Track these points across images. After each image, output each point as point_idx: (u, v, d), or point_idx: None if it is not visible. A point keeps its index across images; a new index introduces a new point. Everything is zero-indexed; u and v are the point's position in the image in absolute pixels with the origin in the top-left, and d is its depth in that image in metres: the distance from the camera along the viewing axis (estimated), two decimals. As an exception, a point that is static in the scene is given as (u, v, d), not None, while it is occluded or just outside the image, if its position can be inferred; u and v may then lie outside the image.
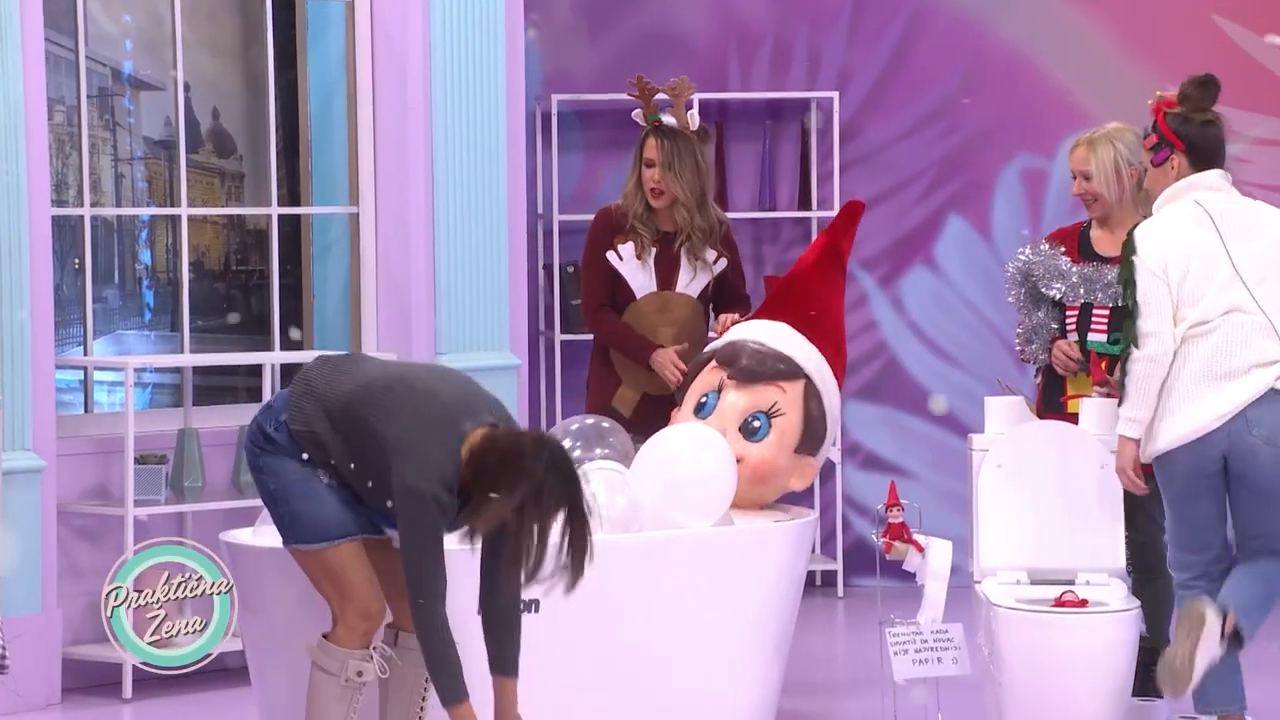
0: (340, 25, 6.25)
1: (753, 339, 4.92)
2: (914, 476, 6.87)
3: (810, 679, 5.63)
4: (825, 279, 5.04)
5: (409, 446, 3.89)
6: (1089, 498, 4.88)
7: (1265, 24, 6.93)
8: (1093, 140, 5.06)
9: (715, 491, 4.66)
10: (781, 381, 4.82)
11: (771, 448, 4.81)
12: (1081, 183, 5.05)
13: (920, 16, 7.04)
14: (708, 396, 4.86)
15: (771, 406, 4.82)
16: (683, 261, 5.27)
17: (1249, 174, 6.98)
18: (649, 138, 5.28)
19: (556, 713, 4.44)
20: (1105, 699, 4.54)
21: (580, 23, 7.05)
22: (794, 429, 4.84)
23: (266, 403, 4.30)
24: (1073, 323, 5.02)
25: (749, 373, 4.82)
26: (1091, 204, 5.06)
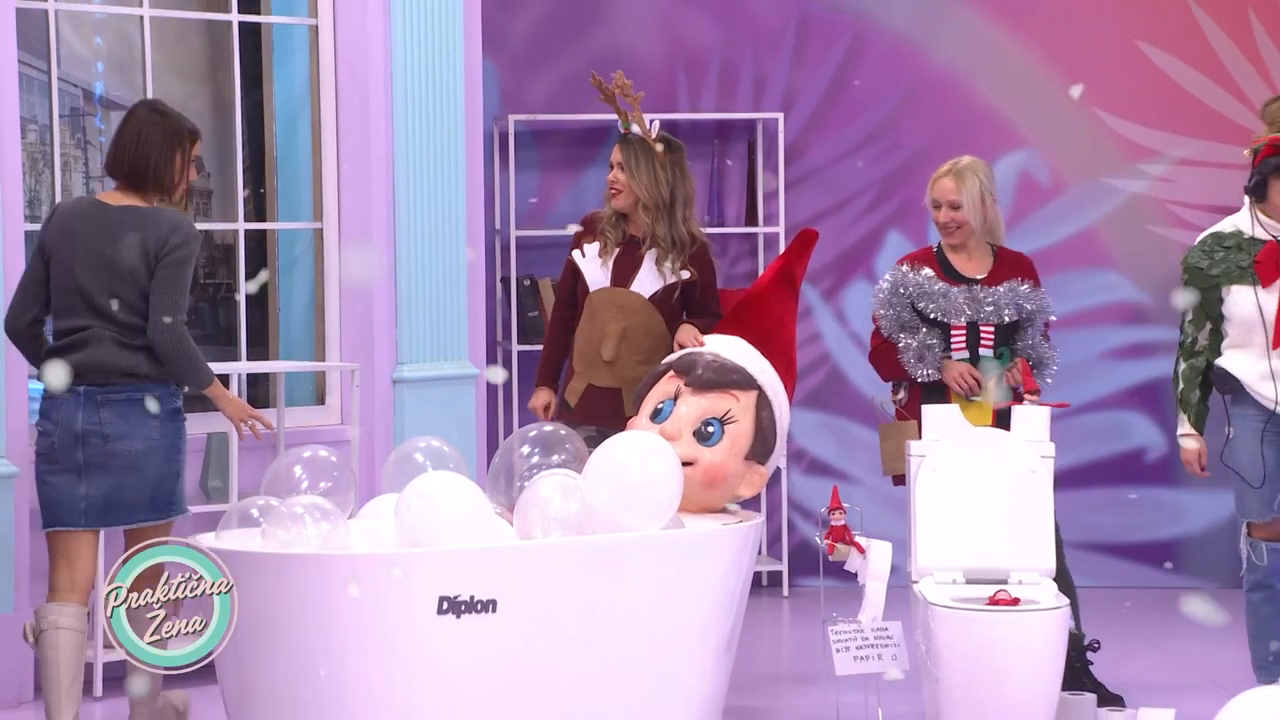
0: (304, 49, 6.22)
1: (709, 351, 4.94)
2: (856, 481, 6.87)
3: (757, 675, 5.61)
4: (779, 301, 5.11)
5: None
6: (1021, 501, 4.90)
7: (1185, 50, 6.97)
8: (958, 172, 5.19)
9: (663, 495, 4.64)
10: (735, 390, 4.84)
11: (723, 452, 4.82)
12: (948, 211, 5.17)
13: (860, 41, 7.04)
14: (664, 403, 4.87)
15: (725, 413, 4.83)
16: (644, 266, 5.28)
17: (1172, 192, 7.03)
18: (616, 144, 5.36)
19: (510, 710, 4.40)
20: (1037, 692, 4.54)
21: (536, 47, 7.03)
22: (746, 435, 4.85)
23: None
24: (960, 342, 5.09)
25: (705, 381, 4.85)
26: (954, 231, 5.18)
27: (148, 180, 4.70)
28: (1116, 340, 7.05)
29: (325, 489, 4.59)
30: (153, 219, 4.69)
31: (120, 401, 4.64)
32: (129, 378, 4.64)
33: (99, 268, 4.66)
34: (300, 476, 4.58)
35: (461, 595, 4.31)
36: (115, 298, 4.64)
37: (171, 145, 4.71)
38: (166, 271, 4.64)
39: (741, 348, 4.97)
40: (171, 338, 4.62)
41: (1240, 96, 6.98)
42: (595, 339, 5.28)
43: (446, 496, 4.46)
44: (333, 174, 6.17)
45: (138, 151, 4.69)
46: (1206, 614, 5.61)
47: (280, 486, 4.59)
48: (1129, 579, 6.97)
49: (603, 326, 5.27)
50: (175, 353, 4.64)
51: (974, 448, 4.96)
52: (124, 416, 4.64)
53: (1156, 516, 7.02)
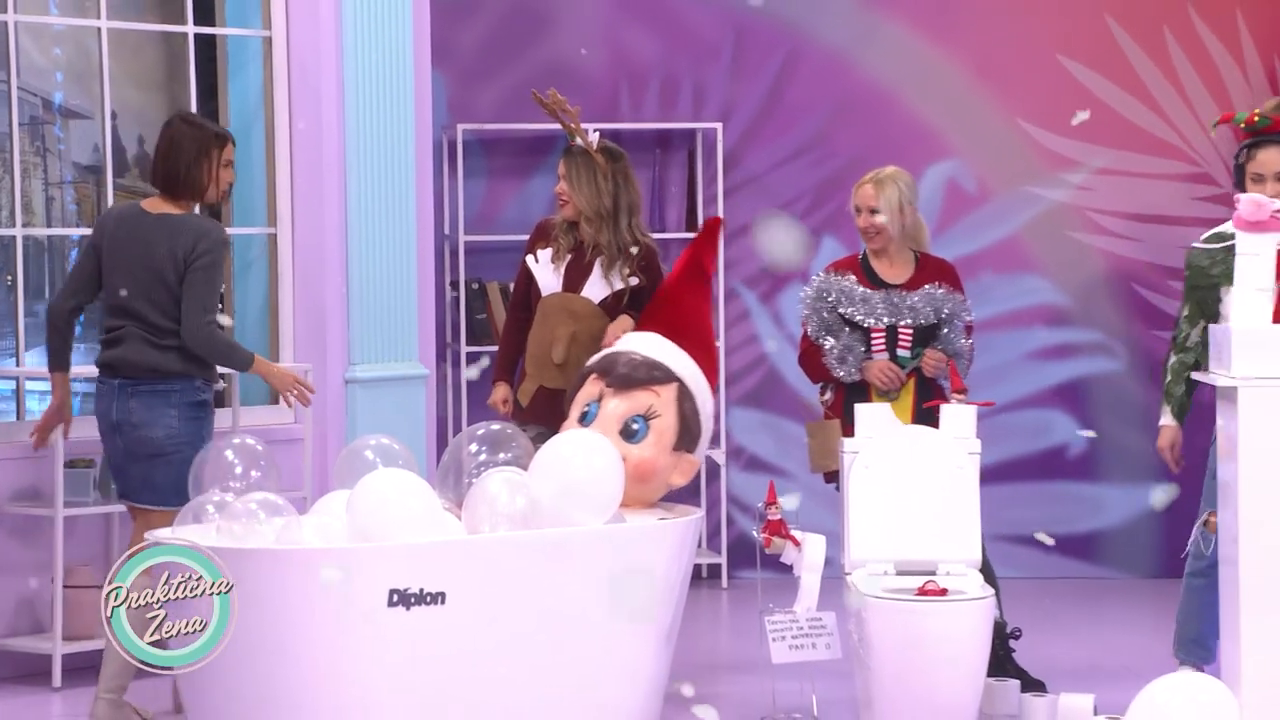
0: (258, 60, 6.20)
1: (627, 350, 4.95)
2: (792, 477, 6.90)
3: (697, 663, 5.63)
4: (691, 291, 5.11)
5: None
6: (948, 496, 4.94)
7: (1102, 63, 7.05)
8: (879, 181, 5.25)
9: (606, 491, 4.66)
10: (655, 386, 4.86)
11: (651, 448, 4.83)
12: (868, 217, 5.23)
13: (795, 54, 7.09)
14: (590, 406, 4.89)
15: (648, 409, 4.84)
16: (594, 272, 5.31)
17: (1091, 200, 7.11)
18: (562, 156, 5.39)
19: (459, 699, 4.41)
20: (964, 679, 4.58)
21: (483, 59, 7.03)
22: (670, 429, 4.86)
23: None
24: (880, 343, 5.16)
25: (625, 380, 4.86)
26: (875, 236, 5.25)
27: (180, 186, 4.95)
28: (1039, 342, 7.11)
29: (256, 478, 4.59)
30: (181, 227, 4.95)
31: (145, 394, 4.91)
32: (154, 373, 4.91)
33: (131, 272, 4.93)
34: (233, 461, 4.60)
35: (411, 588, 4.31)
36: (146, 300, 4.91)
37: (200, 151, 4.94)
38: (194, 276, 4.89)
39: (658, 343, 4.96)
40: (203, 338, 4.89)
41: (1156, 109, 7.07)
42: (546, 342, 5.30)
43: (396, 492, 4.46)
44: (286, 181, 6.15)
45: (169, 160, 4.96)
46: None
47: (217, 474, 4.59)
48: (1050, 570, 7.04)
49: (553, 330, 5.29)
50: (210, 350, 4.92)
51: (904, 445, 5.00)
52: (148, 407, 4.91)
53: (1077, 510, 7.09)
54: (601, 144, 5.36)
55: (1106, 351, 7.09)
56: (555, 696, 4.54)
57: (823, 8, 7.06)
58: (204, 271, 4.90)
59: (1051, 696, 4.91)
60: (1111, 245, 7.09)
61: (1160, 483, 7.06)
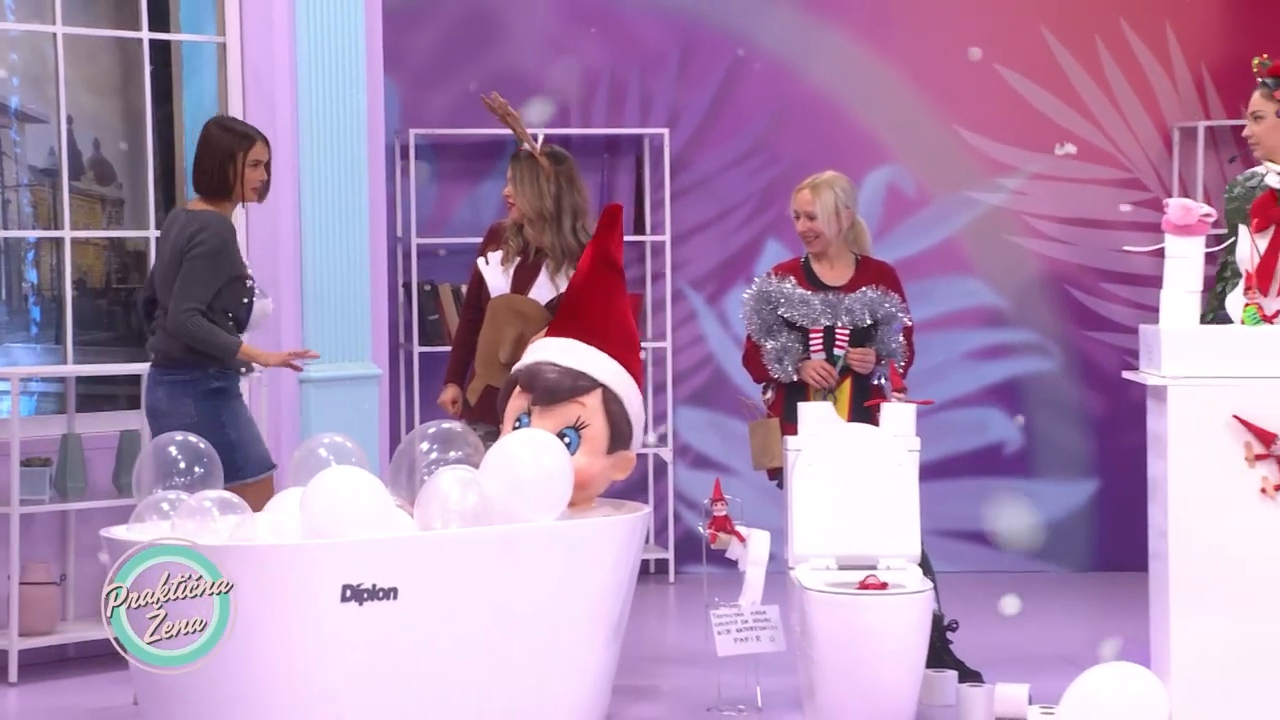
0: (213, 65, 6.16)
1: (547, 361, 4.87)
2: (737, 474, 6.91)
3: (644, 656, 5.64)
4: (602, 284, 5.00)
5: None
6: (889, 492, 4.96)
7: (1037, 72, 7.10)
8: (816, 186, 5.27)
9: (555, 489, 4.66)
10: (580, 397, 4.82)
11: (585, 457, 4.81)
12: (806, 221, 5.26)
13: (740, 61, 7.10)
14: (521, 419, 4.86)
15: (576, 421, 4.81)
16: (541, 274, 5.29)
17: (1027, 204, 7.15)
18: (509, 160, 5.39)
19: (410, 692, 4.40)
20: (903, 671, 4.60)
21: (434, 65, 7.02)
22: (601, 434, 4.84)
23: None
24: (818, 344, 5.18)
25: (549, 395, 4.81)
26: (813, 240, 5.27)
27: (212, 186, 5.05)
28: (976, 342, 7.15)
29: (199, 475, 4.56)
30: (187, 220, 5.04)
31: (168, 382, 5.01)
32: (171, 362, 5.01)
33: (160, 266, 5.11)
34: (177, 458, 4.56)
35: (364, 584, 4.30)
36: (167, 291, 5.03)
37: (226, 153, 5.03)
38: (186, 265, 4.96)
39: (576, 349, 4.88)
40: (182, 326, 4.93)
41: (1088, 116, 7.12)
42: (494, 342, 5.28)
43: (349, 490, 4.45)
44: (240, 184, 6.10)
45: (201, 162, 5.07)
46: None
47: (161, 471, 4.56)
48: (987, 564, 7.08)
49: (501, 331, 5.27)
50: (190, 339, 4.94)
51: (846, 442, 5.02)
52: (170, 395, 5.01)
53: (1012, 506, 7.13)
54: (548, 148, 5.35)
55: (1041, 351, 7.14)
56: (505, 690, 4.53)
57: (767, 17, 7.08)
58: (194, 261, 4.94)
59: (988, 687, 4.93)
60: (1046, 248, 7.14)
61: (1091, 479, 7.14)
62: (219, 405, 4.98)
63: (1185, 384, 4.28)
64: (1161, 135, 7.08)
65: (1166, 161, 7.08)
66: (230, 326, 4.99)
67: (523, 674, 4.56)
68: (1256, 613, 4.25)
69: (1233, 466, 4.26)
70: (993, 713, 4.87)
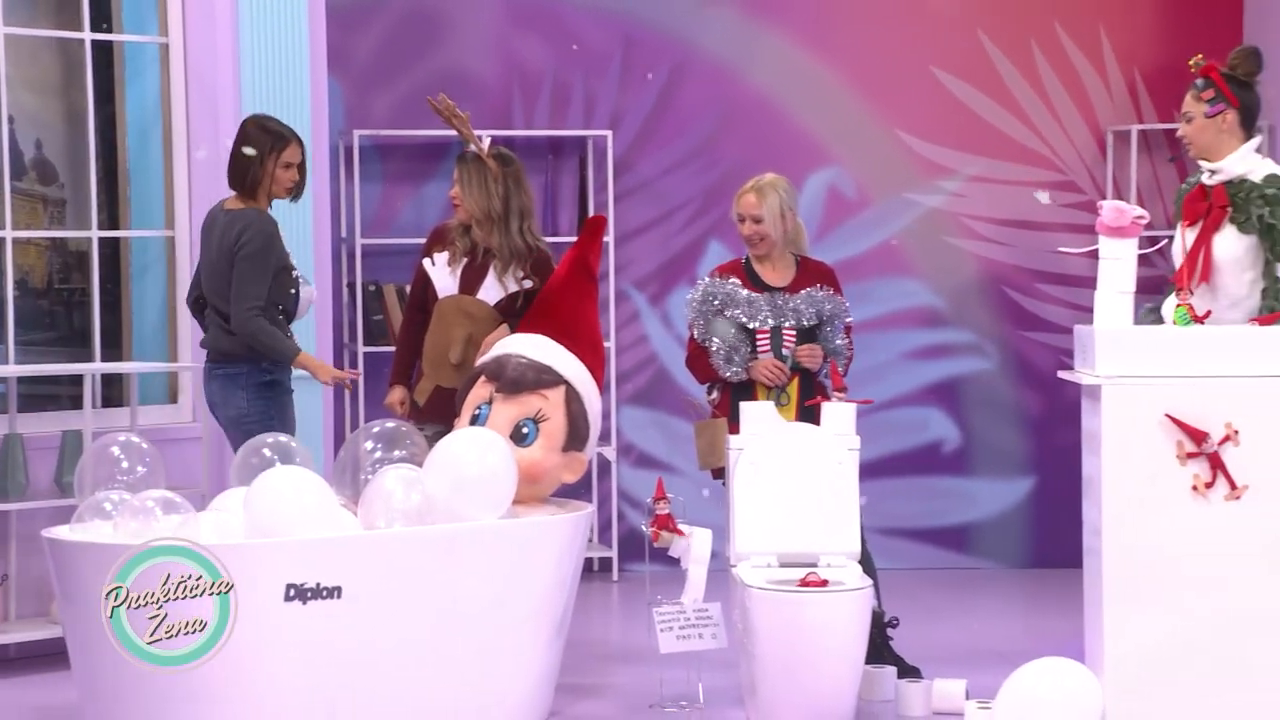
0: (156, 65, 6.12)
1: (516, 353, 4.92)
2: (680, 473, 6.93)
3: (588, 653, 5.64)
4: (576, 290, 5.09)
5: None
6: (829, 491, 4.98)
7: (975, 76, 7.15)
8: (760, 189, 5.29)
9: (499, 487, 4.65)
10: (544, 389, 4.85)
11: (540, 450, 4.83)
12: (751, 225, 5.28)
13: (682, 64, 7.11)
14: (480, 409, 4.88)
15: (537, 413, 4.84)
16: (489, 275, 5.29)
17: (965, 206, 7.20)
18: (456, 161, 5.37)
19: (355, 690, 4.38)
20: (843, 666, 4.62)
21: (378, 66, 6.99)
22: (559, 430, 4.86)
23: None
24: (765, 343, 5.19)
25: (514, 384, 4.85)
26: (759, 243, 5.28)
27: (246, 184, 5.18)
28: (915, 342, 7.20)
29: (142, 474, 4.54)
30: (232, 220, 5.17)
31: (220, 376, 5.17)
32: (225, 357, 5.17)
33: (205, 265, 5.25)
34: (119, 457, 4.54)
35: (308, 583, 4.28)
36: (214, 290, 5.19)
37: (260, 152, 5.15)
38: (239, 266, 5.11)
39: (545, 345, 4.95)
40: (246, 325, 5.08)
41: (1024, 119, 7.18)
42: (443, 343, 5.27)
43: (293, 489, 4.43)
44: (184, 184, 6.08)
45: (236, 161, 5.20)
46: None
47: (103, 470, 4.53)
48: (926, 561, 7.13)
49: (449, 332, 5.27)
50: (253, 338, 5.09)
51: (787, 441, 5.04)
52: (222, 389, 5.17)
53: (951, 504, 7.18)
54: (495, 149, 5.35)
55: (979, 351, 7.19)
56: (449, 688, 4.53)
57: (708, 20, 7.09)
58: (245, 261, 5.09)
59: (926, 682, 4.97)
60: (983, 250, 7.19)
61: (1027, 477, 7.20)
62: (270, 399, 5.14)
63: (1119, 383, 4.32)
64: (1096, 138, 7.15)
65: (1100, 164, 7.15)
66: (280, 318, 5.16)
67: (466, 672, 4.55)
68: (1188, 608, 4.30)
69: (1165, 465, 4.30)
70: (931, 707, 4.91)
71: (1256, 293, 4.52)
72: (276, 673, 4.27)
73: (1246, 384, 4.29)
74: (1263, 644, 4.27)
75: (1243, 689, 4.28)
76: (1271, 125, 6.73)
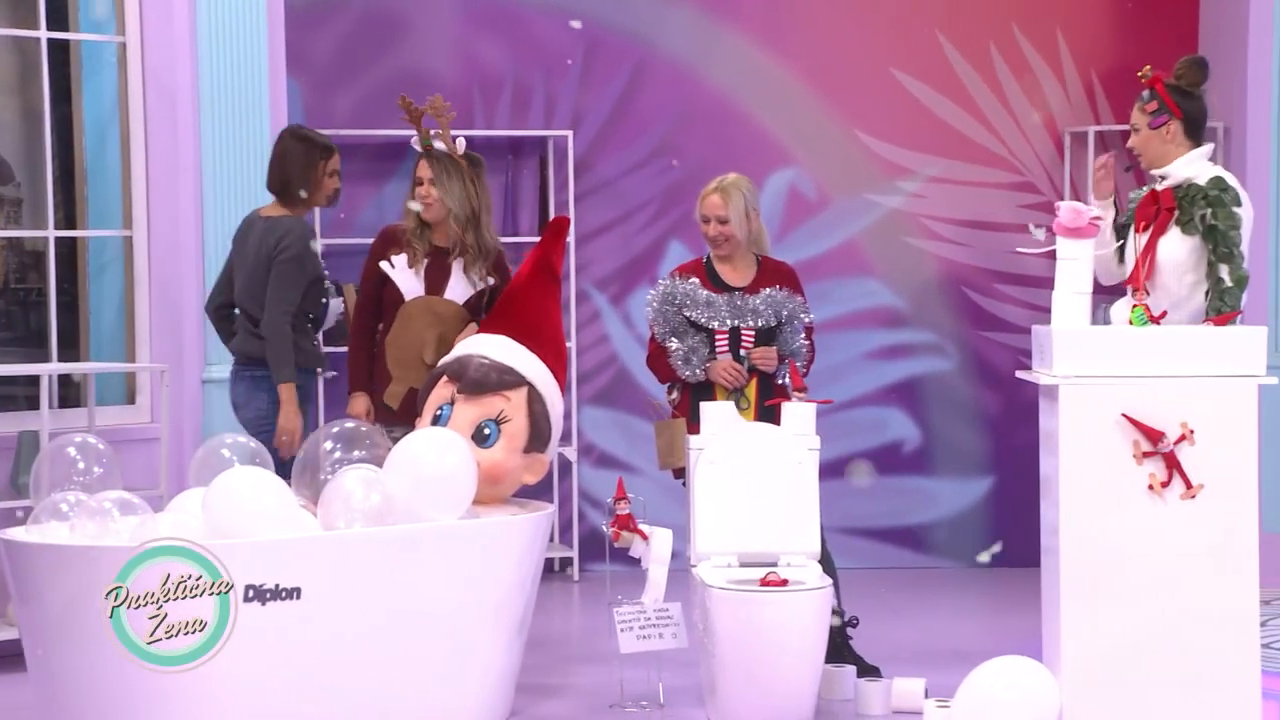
0: (113, 65, 6.08)
1: (478, 353, 4.92)
2: (640, 473, 6.93)
3: (548, 653, 5.63)
4: (539, 291, 5.09)
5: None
6: (789, 490, 4.99)
7: (933, 78, 7.17)
8: (725, 189, 5.30)
9: (459, 488, 4.64)
10: (506, 390, 4.85)
11: (502, 451, 4.83)
12: (717, 225, 5.27)
13: (642, 65, 7.11)
14: (442, 409, 4.87)
15: (499, 414, 4.84)
16: (454, 274, 5.28)
17: (925, 207, 7.23)
18: (421, 160, 5.34)
19: (315, 691, 4.36)
20: (803, 665, 4.63)
21: (337, 65, 6.97)
22: (521, 432, 4.86)
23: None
24: (724, 344, 5.20)
25: (476, 385, 4.84)
26: (723, 243, 5.28)
27: (290, 192, 5.31)
28: (876, 342, 7.22)
29: (99, 475, 4.51)
30: (271, 227, 5.28)
31: (247, 378, 5.29)
32: (251, 360, 5.28)
33: (242, 269, 5.34)
34: (76, 458, 4.51)
35: (267, 584, 4.26)
36: (247, 294, 5.30)
37: (306, 162, 5.30)
38: (277, 270, 5.22)
39: (508, 346, 4.95)
40: (270, 327, 5.20)
41: (982, 120, 7.21)
42: (415, 345, 5.25)
43: (252, 490, 4.41)
44: (142, 184, 6.04)
45: (280, 169, 5.32)
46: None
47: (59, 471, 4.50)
48: (886, 560, 7.15)
49: (420, 333, 5.25)
50: (271, 343, 5.21)
51: (747, 441, 5.05)
52: (246, 390, 5.29)
53: (910, 503, 7.20)
54: (464, 152, 5.36)
55: (939, 351, 7.22)
56: (410, 689, 4.51)
57: (667, 21, 7.10)
58: (282, 266, 5.19)
59: (886, 681, 4.98)
60: (943, 250, 7.22)
61: (986, 476, 7.23)
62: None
63: (1076, 383, 4.34)
64: (1053, 139, 7.19)
65: (1058, 165, 7.18)
66: (308, 326, 5.28)
67: (427, 672, 4.54)
68: (1144, 606, 4.32)
69: (1122, 464, 4.33)
70: (890, 706, 4.92)
71: (1197, 294, 4.56)
72: (235, 674, 4.25)
73: (1202, 384, 4.32)
74: (1217, 641, 4.30)
75: (1198, 686, 4.31)
76: (1227, 127, 6.78)
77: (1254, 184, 6.46)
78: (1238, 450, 4.30)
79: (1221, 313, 4.43)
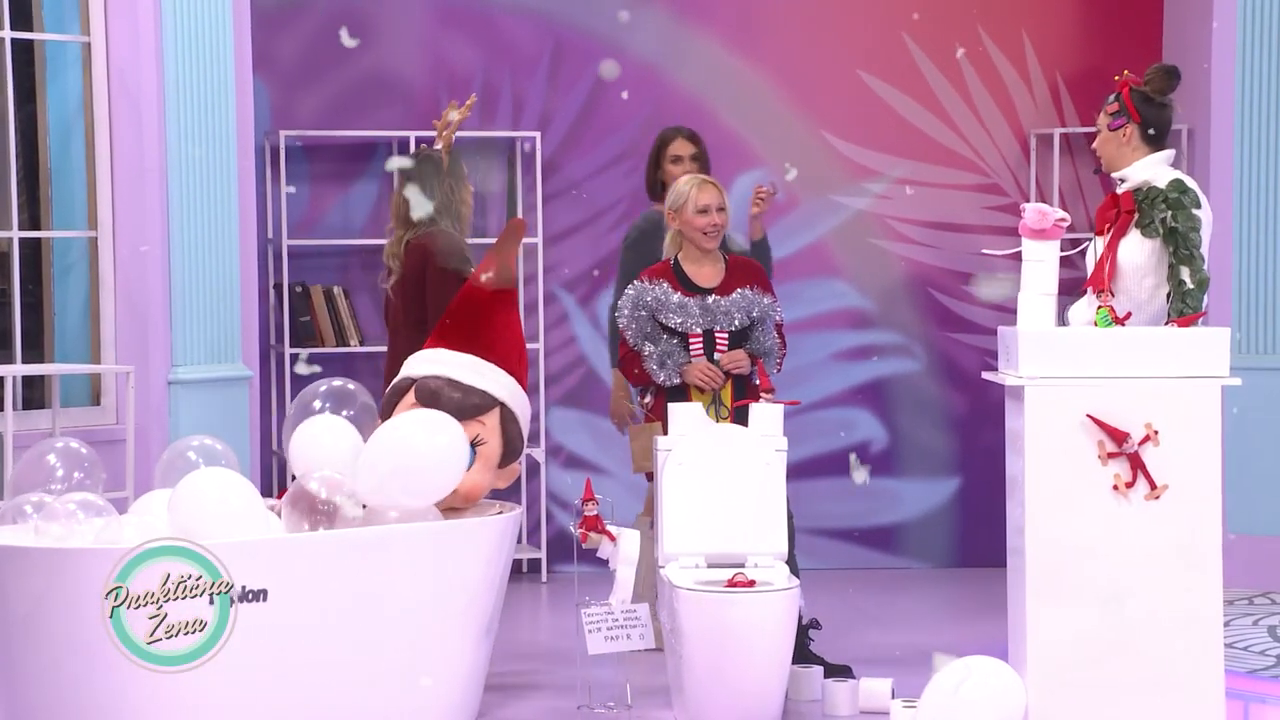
0: (78, 65, 6.05)
1: (445, 377, 4.83)
2: (609, 474, 6.93)
3: (516, 654, 5.63)
4: (504, 301, 5.02)
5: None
6: (757, 491, 4.99)
7: (900, 81, 7.20)
8: (711, 181, 5.30)
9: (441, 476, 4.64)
10: (481, 416, 4.81)
11: (479, 473, 4.81)
12: (715, 215, 5.23)
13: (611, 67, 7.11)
14: None
15: (475, 438, 4.81)
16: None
17: (892, 209, 7.25)
18: (425, 162, 5.40)
19: (283, 693, 4.35)
20: (771, 666, 4.64)
21: (305, 66, 6.95)
22: (496, 452, 4.84)
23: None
24: (698, 348, 5.19)
25: (452, 414, 4.78)
26: (715, 235, 5.27)
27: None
28: (843, 343, 7.23)
29: (79, 479, 4.49)
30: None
31: None
32: None
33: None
34: (55, 464, 4.48)
35: (233, 585, 4.25)
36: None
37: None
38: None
39: (476, 367, 4.86)
40: None
41: (949, 123, 7.23)
42: None
43: (218, 491, 4.40)
44: (107, 184, 6.01)
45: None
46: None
47: (38, 477, 4.48)
48: (853, 561, 7.17)
49: None
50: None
51: (715, 442, 5.05)
52: None
53: (878, 504, 7.22)
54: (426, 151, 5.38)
55: (906, 353, 7.24)
56: (377, 690, 4.51)
57: (636, 22, 7.10)
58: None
59: (853, 681, 4.99)
60: (910, 252, 7.24)
61: (953, 477, 7.26)
62: None
63: (1041, 384, 4.36)
64: (1019, 141, 7.22)
65: (1024, 167, 7.22)
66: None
67: (394, 673, 4.53)
68: (1109, 606, 4.34)
69: (1087, 464, 4.35)
70: (857, 706, 4.94)
71: (1158, 297, 4.58)
72: (202, 676, 4.23)
73: (1166, 385, 4.35)
74: (1182, 641, 4.33)
75: (1163, 686, 4.33)
76: (1191, 129, 6.83)
77: (1217, 186, 6.50)
78: (1202, 451, 4.33)
79: (1184, 314, 4.46)
